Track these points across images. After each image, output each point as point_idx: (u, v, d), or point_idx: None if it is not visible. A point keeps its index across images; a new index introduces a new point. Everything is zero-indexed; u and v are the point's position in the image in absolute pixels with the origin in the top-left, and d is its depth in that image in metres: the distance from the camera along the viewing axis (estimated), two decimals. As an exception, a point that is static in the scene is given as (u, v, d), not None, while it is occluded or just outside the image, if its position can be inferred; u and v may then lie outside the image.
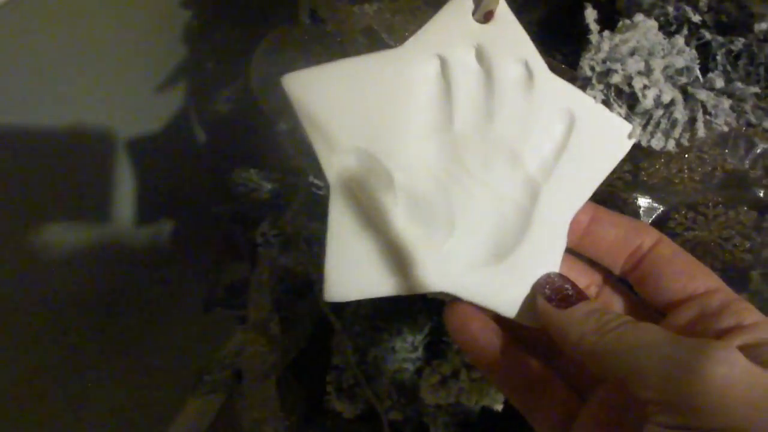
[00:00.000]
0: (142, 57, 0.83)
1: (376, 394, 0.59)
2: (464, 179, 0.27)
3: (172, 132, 0.91)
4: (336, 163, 0.27)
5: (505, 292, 0.28)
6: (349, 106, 0.26)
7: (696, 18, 0.30)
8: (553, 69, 0.29)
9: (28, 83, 0.69)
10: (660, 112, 0.24)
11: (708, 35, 0.30)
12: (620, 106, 0.24)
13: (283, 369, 0.67)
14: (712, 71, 0.30)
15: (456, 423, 0.57)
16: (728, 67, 0.31)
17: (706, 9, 0.31)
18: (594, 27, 0.24)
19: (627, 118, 0.25)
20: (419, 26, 0.41)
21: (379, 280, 0.27)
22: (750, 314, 0.25)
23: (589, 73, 0.24)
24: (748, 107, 0.28)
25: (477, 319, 0.29)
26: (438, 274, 0.27)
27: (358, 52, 0.45)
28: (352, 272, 0.27)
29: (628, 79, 0.23)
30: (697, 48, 0.32)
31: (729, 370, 0.21)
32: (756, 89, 0.28)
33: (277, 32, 0.63)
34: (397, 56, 0.27)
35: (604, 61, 0.24)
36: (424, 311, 0.59)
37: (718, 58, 0.30)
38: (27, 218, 0.75)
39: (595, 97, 0.25)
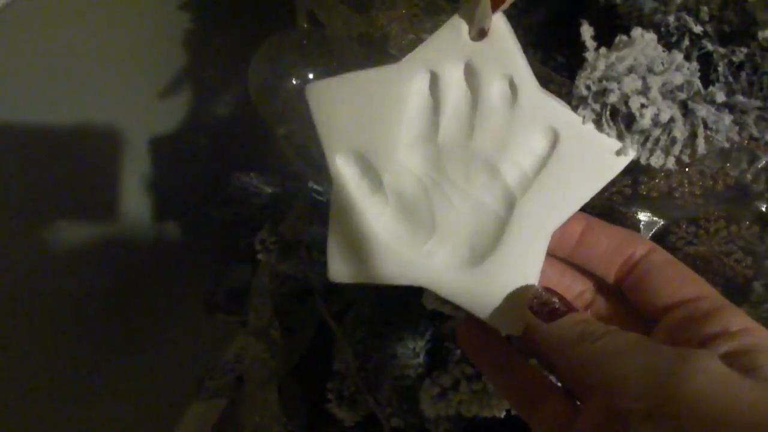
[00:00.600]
0: (142, 61, 0.83)
1: (378, 401, 0.59)
2: (446, 186, 0.30)
3: (173, 135, 0.91)
4: (338, 161, 0.30)
5: (478, 294, 0.29)
6: (351, 114, 0.30)
7: (697, 29, 0.30)
8: (551, 81, 0.29)
9: (31, 86, 0.70)
10: (658, 130, 0.23)
11: (710, 46, 0.30)
12: (611, 128, 0.24)
13: (285, 375, 0.67)
14: (714, 83, 0.29)
15: (458, 430, 0.57)
16: (730, 79, 0.30)
17: (707, 18, 0.31)
18: (590, 44, 0.24)
19: (621, 137, 0.25)
20: (416, 34, 0.41)
21: (368, 268, 0.31)
22: (738, 320, 0.25)
23: (585, 92, 0.24)
24: (750, 120, 0.28)
25: (485, 332, 0.30)
26: (417, 270, 0.30)
27: (355, 58, 0.45)
28: (348, 258, 0.31)
29: (625, 98, 0.23)
30: (698, 58, 0.31)
31: (707, 379, 0.21)
32: (758, 103, 0.28)
33: (276, 36, 0.63)
34: (395, 71, 0.29)
35: (600, 80, 0.23)
36: (425, 317, 0.59)
37: (720, 69, 0.30)
38: (29, 220, 0.76)
39: (584, 117, 0.25)
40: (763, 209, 0.28)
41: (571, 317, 0.26)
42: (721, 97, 0.27)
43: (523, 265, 0.29)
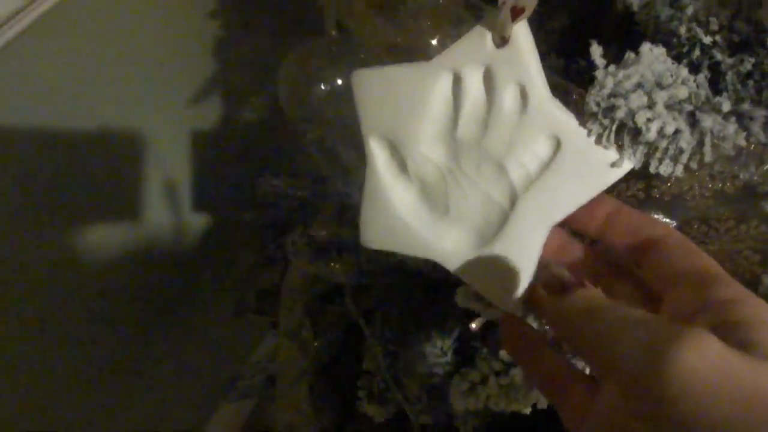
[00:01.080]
0: (174, 67, 0.87)
1: (407, 399, 0.62)
2: (459, 177, 0.34)
3: (204, 139, 0.95)
4: (371, 143, 0.35)
5: (480, 274, 0.34)
6: (386, 102, 0.34)
7: (707, 39, 0.33)
8: (570, 93, 0.32)
9: (66, 91, 0.74)
10: (665, 141, 0.26)
11: (719, 56, 0.33)
12: (612, 142, 0.27)
13: (316, 374, 0.70)
14: (722, 92, 0.32)
15: (486, 426, 0.60)
16: (738, 87, 0.33)
17: (717, 29, 0.34)
18: (600, 62, 0.27)
19: (620, 151, 0.28)
20: (441, 46, 0.44)
21: (391, 239, 0.36)
22: (731, 290, 0.26)
23: (595, 108, 0.27)
24: (756, 127, 0.30)
25: (522, 326, 0.34)
26: (430, 246, 0.35)
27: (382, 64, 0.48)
28: (376, 228, 0.36)
29: (632, 114, 0.26)
30: (709, 67, 0.34)
31: (700, 357, 0.22)
32: (764, 111, 0.30)
33: (305, 43, 0.66)
34: (426, 69, 0.33)
35: (609, 97, 0.26)
36: (452, 316, 0.62)
37: (728, 77, 0.33)
38: (63, 223, 0.80)
39: (594, 131, 0.28)
40: (769, 210, 0.31)
41: (580, 292, 0.28)
42: (727, 106, 0.30)
43: (520, 254, 0.33)
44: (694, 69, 0.33)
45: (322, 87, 0.66)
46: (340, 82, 0.64)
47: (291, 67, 0.67)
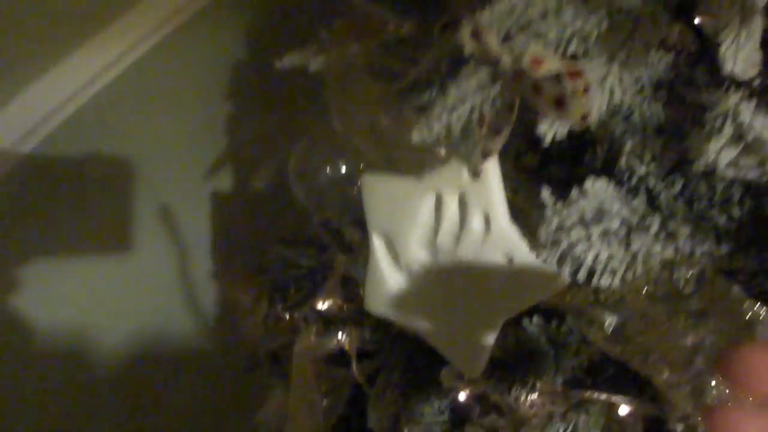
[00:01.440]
0: (192, 143, 0.96)
1: (408, 456, 0.69)
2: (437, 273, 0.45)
3: (217, 209, 1.03)
4: (374, 236, 0.46)
5: (450, 347, 0.45)
6: (386, 206, 0.45)
7: (642, 170, 0.41)
8: (528, 216, 0.41)
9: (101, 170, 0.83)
10: (601, 265, 0.35)
11: (652, 182, 0.41)
12: (564, 266, 0.35)
13: (324, 432, 0.77)
14: (655, 212, 0.40)
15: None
16: (671, 204, 0.41)
17: (650, 159, 0.42)
18: (549, 202, 0.35)
19: (558, 269, 0.37)
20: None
21: (387, 310, 0.47)
22: None
23: (543, 241, 0.35)
24: (680, 242, 0.39)
25: None
26: (415, 321, 0.46)
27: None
28: (376, 299, 0.47)
29: (572, 246, 0.34)
30: (645, 190, 0.42)
31: None
32: (688, 229, 0.39)
33: (313, 134, 0.75)
34: (416, 186, 0.44)
35: (555, 231, 0.35)
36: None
37: (662, 198, 0.41)
38: (75, 289, 0.88)
39: (545, 259, 0.36)
40: (694, 307, 0.39)
41: None
42: (655, 228, 0.38)
43: (477, 340, 0.43)
44: (633, 192, 0.41)
45: (328, 171, 0.75)
46: (344, 169, 0.73)
47: (301, 155, 0.76)
